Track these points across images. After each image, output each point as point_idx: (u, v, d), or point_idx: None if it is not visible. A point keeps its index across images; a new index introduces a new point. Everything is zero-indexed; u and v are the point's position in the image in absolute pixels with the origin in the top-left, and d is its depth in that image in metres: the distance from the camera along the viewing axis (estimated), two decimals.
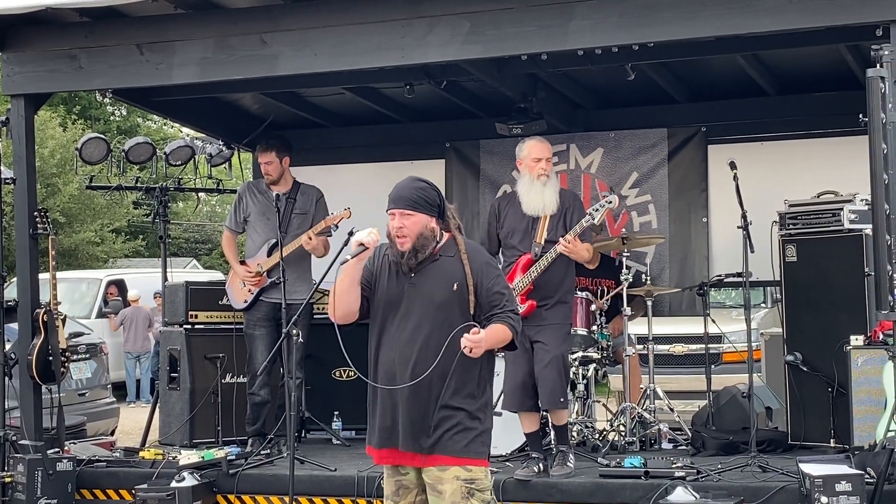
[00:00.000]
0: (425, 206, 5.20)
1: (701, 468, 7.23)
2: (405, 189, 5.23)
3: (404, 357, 5.16)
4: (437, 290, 5.17)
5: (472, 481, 5.14)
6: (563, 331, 7.56)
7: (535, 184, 7.58)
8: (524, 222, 7.63)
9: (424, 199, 5.20)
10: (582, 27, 7.29)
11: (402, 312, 5.22)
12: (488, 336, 5.10)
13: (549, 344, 7.43)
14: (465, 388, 5.17)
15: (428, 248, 5.19)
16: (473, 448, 5.18)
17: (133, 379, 19.19)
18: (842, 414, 7.74)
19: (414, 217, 5.18)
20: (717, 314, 9.77)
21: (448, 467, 5.14)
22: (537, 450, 7.58)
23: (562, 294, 7.57)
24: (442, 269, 5.21)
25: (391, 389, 5.19)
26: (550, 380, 7.37)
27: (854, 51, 8.53)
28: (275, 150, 8.73)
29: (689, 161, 10.28)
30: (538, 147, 7.62)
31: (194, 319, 9.40)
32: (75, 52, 8.36)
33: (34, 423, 8.38)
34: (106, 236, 29.49)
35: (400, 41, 7.63)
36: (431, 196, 5.23)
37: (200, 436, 9.16)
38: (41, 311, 8.39)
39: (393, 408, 5.21)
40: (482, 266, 5.23)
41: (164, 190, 10.78)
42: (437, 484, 5.15)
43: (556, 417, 7.59)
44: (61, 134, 27.56)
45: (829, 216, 8.08)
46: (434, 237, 5.21)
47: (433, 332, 5.14)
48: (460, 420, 5.15)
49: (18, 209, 8.53)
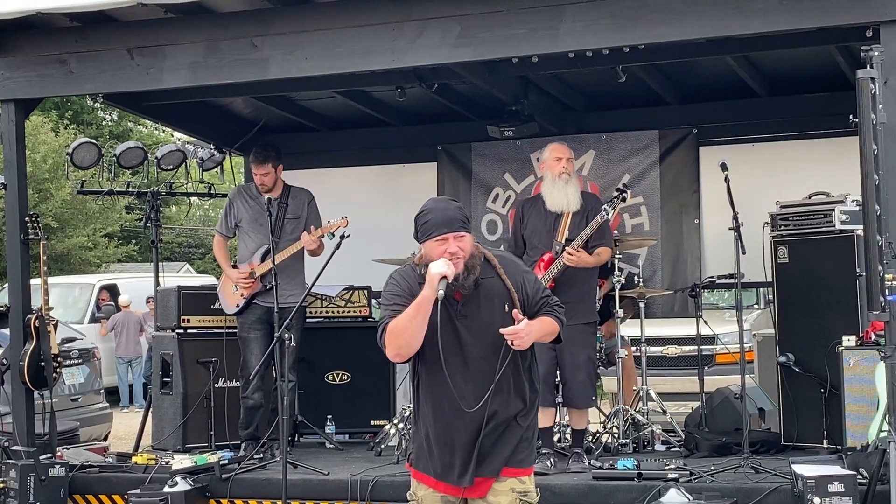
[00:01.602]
0: (469, 225, 4.97)
1: (694, 470, 7.23)
2: (450, 210, 4.92)
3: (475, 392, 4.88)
4: (490, 318, 4.87)
5: (526, 493, 4.97)
6: (588, 331, 7.77)
7: (558, 182, 7.89)
8: (547, 223, 7.88)
9: (468, 218, 4.98)
10: (572, 29, 7.28)
11: (456, 347, 4.90)
12: (535, 328, 4.85)
13: (575, 345, 7.58)
14: (517, 402, 4.98)
15: (478, 268, 4.89)
16: (527, 458, 5.02)
17: (125, 384, 19.16)
18: (834, 415, 7.75)
19: (466, 238, 4.88)
20: (709, 315, 9.77)
21: (504, 479, 4.96)
22: (549, 445, 7.72)
23: (585, 292, 7.77)
24: (488, 294, 4.92)
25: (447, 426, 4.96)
26: (580, 381, 7.65)
27: (844, 52, 8.54)
28: (270, 162, 8.70)
29: (680, 163, 10.29)
30: (559, 148, 8.00)
31: (186, 324, 9.39)
32: (66, 56, 8.35)
33: (26, 428, 8.37)
34: (98, 241, 29.47)
35: (391, 44, 7.63)
36: (467, 214, 5.03)
37: (193, 440, 9.14)
38: (33, 316, 8.38)
39: (451, 443, 4.97)
40: (521, 276, 4.99)
41: (155, 194, 10.77)
42: (491, 495, 4.96)
43: (578, 420, 7.78)
44: (53, 139, 27.54)
45: (820, 217, 8.09)
46: (481, 256, 4.94)
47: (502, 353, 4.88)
48: (516, 432, 4.97)
49: (9, 214, 8.52)
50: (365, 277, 9.73)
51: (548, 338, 5.05)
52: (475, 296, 4.91)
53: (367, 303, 9.74)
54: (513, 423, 4.97)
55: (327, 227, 8.50)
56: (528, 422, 5.03)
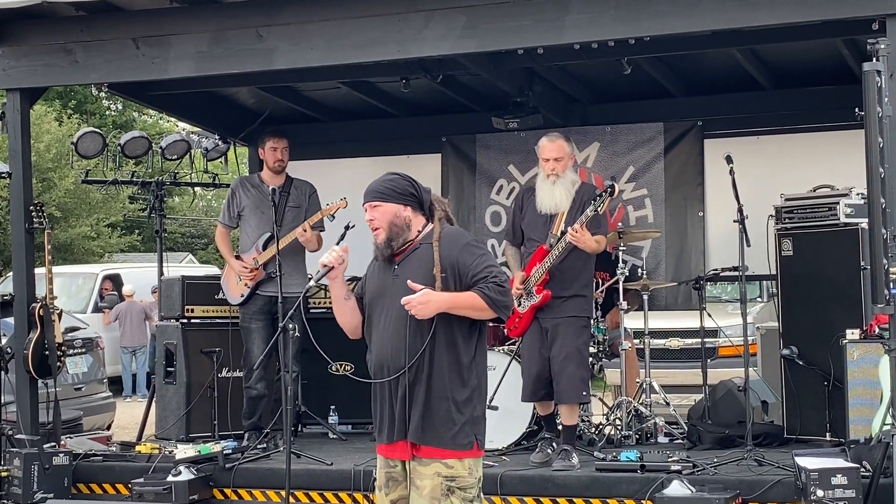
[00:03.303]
0: (393, 196, 5.20)
1: (697, 462, 7.24)
2: (373, 183, 5.29)
3: (393, 348, 5.11)
4: (414, 278, 5.07)
5: (453, 479, 5.02)
6: (580, 323, 7.65)
7: (546, 182, 7.77)
8: (543, 216, 7.76)
9: (392, 189, 5.22)
10: (578, 21, 7.28)
11: (387, 305, 5.16)
12: (442, 299, 4.99)
13: (566, 337, 7.54)
14: (451, 376, 5.07)
15: (402, 237, 5.17)
16: (457, 440, 5.05)
17: (129, 373, 19.17)
18: (838, 408, 7.75)
19: (382, 207, 5.20)
20: (713, 308, 9.76)
21: (429, 461, 5.04)
22: (552, 430, 7.72)
23: (579, 286, 7.67)
24: (420, 257, 5.15)
25: (382, 383, 5.17)
26: (568, 374, 7.50)
27: (850, 45, 8.53)
28: (286, 137, 8.78)
29: (685, 155, 10.28)
30: (547, 147, 7.79)
31: (190, 314, 9.40)
32: (71, 46, 8.35)
33: (30, 417, 8.38)
34: (102, 231, 29.47)
35: (396, 35, 7.63)
36: (401, 185, 5.22)
37: (197, 430, 9.16)
38: (37, 305, 8.39)
39: (382, 401, 5.20)
40: (461, 249, 5.11)
41: (159, 184, 10.77)
42: (416, 478, 5.06)
43: (568, 415, 7.65)
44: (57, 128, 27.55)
45: (825, 210, 8.08)
46: (407, 225, 5.19)
47: (416, 321, 5.05)
48: (446, 410, 5.05)
49: (14, 204, 8.53)
50: None
51: (472, 312, 5.06)
52: (412, 258, 5.17)
53: None
54: (443, 398, 5.05)
55: (327, 209, 8.53)
56: (462, 403, 5.07)
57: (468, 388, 5.12)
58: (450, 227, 5.24)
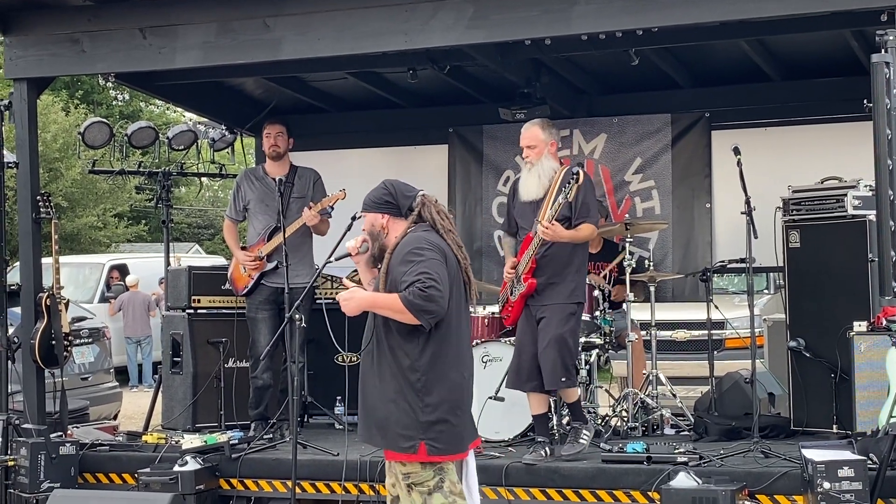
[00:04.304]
0: (370, 206, 5.52)
1: (703, 454, 7.24)
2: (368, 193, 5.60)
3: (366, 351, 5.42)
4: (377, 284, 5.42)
5: (408, 475, 5.23)
6: (567, 311, 7.55)
7: (524, 170, 7.84)
8: (530, 202, 7.73)
9: (369, 199, 5.53)
10: (586, 12, 7.27)
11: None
12: (364, 298, 5.28)
13: (549, 324, 7.49)
14: (394, 380, 5.25)
15: (377, 243, 5.48)
16: (399, 443, 5.23)
17: (135, 363, 19.21)
18: (844, 400, 7.74)
19: (366, 216, 5.55)
20: (719, 300, 9.74)
21: (391, 463, 5.32)
22: (543, 433, 7.62)
23: (567, 273, 7.59)
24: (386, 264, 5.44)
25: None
26: (549, 360, 7.43)
27: (859, 36, 8.51)
28: (284, 124, 8.78)
29: (692, 147, 10.26)
30: (522, 135, 7.81)
31: (197, 304, 9.40)
32: (78, 35, 8.35)
33: (37, 407, 8.40)
34: (108, 221, 29.50)
35: (403, 25, 7.62)
36: (377, 195, 5.52)
37: (203, 420, 9.17)
38: (44, 295, 8.40)
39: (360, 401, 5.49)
40: (401, 260, 5.30)
41: (166, 175, 10.79)
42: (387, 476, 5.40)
43: (564, 395, 7.66)
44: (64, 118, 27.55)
45: (832, 202, 8.06)
46: (384, 233, 5.47)
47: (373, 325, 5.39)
48: (387, 413, 5.25)
49: (21, 193, 8.54)
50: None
51: (393, 314, 5.23)
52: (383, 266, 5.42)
53: None
54: (388, 402, 5.25)
55: (325, 200, 8.53)
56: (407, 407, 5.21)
57: (412, 391, 5.23)
58: (408, 237, 5.39)
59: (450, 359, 5.29)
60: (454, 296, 5.30)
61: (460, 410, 5.31)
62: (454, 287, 5.32)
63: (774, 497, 6.79)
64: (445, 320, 5.24)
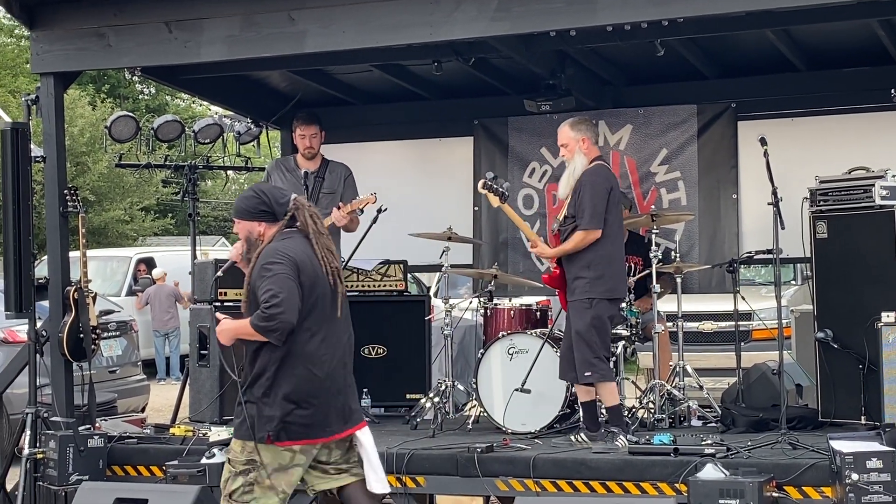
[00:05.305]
0: (245, 214, 5.86)
1: (731, 445, 7.21)
2: (237, 199, 5.94)
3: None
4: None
5: (232, 461, 5.88)
6: (583, 306, 7.70)
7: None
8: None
9: (243, 208, 5.87)
10: (611, 3, 7.24)
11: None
12: (230, 328, 5.89)
13: (569, 321, 7.79)
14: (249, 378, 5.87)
15: (253, 251, 5.82)
16: (239, 431, 5.88)
17: (162, 356, 19.29)
18: (873, 391, 7.71)
19: (240, 224, 5.90)
20: (746, 291, 9.71)
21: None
22: (588, 420, 7.79)
23: (578, 268, 7.76)
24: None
25: None
26: (571, 358, 7.69)
27: (886, 25, 8.46)
28: (318, 123, 8.83)
29: (718, 137, 10.21)
30: (558, 134, 8.07)
31: (224, 297, 9.42)
32: (104, 30, 8.37)
33: (65, 400, 8.43)
34: (135, 214, 29.66)
35: (427, 18, 7.61)
36: (251, 204, 5.82)
37: (230, 413, 9.07)
38: (72, 288, 8.44)
39: None
40: (257, 273, 5.72)
41: (192, 168, 10.81)
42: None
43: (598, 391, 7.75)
44: (90, 112, 27.71)
45: (860, 192, 8.01)
46: (260, 240, 5.80)
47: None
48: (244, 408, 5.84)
49: (48, 187, 8.57)
50: (401, 251, 9.75)
51: (255, 338, 5.78)
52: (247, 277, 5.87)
53: (403, 277, 9.74)
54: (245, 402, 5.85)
55: (356, 202, 8.54)
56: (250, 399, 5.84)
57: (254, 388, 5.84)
58: (266, 249, 5.74)
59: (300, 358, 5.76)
60: (317, 300, 5.73)
61: (307, 404, 5.79)
62: (317, 290, 5.72)
63: (802, 489, 6.76)
64: (300, 326, 5.66)
